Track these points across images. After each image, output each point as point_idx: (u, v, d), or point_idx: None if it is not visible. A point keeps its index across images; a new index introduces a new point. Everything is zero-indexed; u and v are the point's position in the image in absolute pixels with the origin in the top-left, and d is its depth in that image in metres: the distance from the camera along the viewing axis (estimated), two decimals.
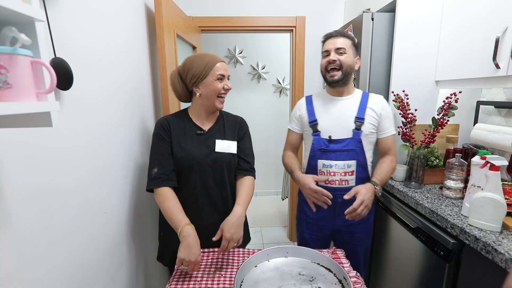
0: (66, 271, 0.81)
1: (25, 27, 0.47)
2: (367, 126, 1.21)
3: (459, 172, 1.22)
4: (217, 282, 0.94)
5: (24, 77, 0.45)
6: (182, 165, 1.10)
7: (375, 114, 1.22)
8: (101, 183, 1.00)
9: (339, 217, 1.26)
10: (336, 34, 1.20)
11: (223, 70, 1.08)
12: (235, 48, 3.40)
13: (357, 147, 1.20)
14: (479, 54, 1.17)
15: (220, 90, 1.09)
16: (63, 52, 0.79)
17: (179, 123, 1.14)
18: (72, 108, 0.84)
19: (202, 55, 1.10)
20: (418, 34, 1.44)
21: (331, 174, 1.21)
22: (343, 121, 1.21)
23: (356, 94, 1.26)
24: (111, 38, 1.09)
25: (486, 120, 1.44)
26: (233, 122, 1.21)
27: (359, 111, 1.21)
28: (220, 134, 1.16)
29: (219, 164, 1.12)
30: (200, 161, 1.10)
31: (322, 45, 1.24)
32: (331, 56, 1.17)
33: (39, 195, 0.72)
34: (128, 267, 1.20)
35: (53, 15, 0.75)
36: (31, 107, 0.47)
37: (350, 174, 1.21)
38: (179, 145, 1.10)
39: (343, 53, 1.17)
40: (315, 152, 1.22)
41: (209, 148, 1.12)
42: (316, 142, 1.22)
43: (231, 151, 1.14)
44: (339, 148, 1.20)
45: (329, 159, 1.20)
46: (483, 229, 0.96)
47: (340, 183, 1.21)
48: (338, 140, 1.20)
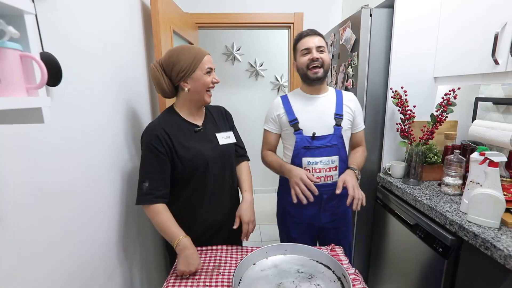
0: (64, 271, 0.80)
1: (14, 20, 0.45)
2: (345, 122, 1.25)
3: (457, 168, 1.21)
4: (215, 280, 0.93)
5: (13, 71, 0.44)
6: (193, 165, 1.06)
7: (351, 110, 1.27)
8: (97, 182, 0.99)
9: (324, 214, 1.28)
10: (313, 33, 1.21)
11: (210, 63, 1.07)
12: (233, 45, 3.38)
13: (338, 143, 1.23)
14: (477, 50, 1.16)
15: (209, 84, 1.07)
16: (56, 47, 0.77)
17: (174, 125, 1.06)
18: (65, 105, 0.82)
19: (188, 47, 1.05)
20: (417, 30, 1.43)
21: (316, 171, 1.21)
22: (324, 118, 1.23)
23: (330, 92, 1.29)
24: (105, 33, 1.07)
25: (485, 117, 1.44)
26: (219, 112, 1.22)
27: (337, 108, 1.24)
28: (215, 127, 1.16)
29: (227, 156, 1.14)
30: (210, 157, 1.09)
31: (297, 43, 1.24)
32: (314, 54, 1.18)
33: (35, 195, 0.70)
34: (126, 266, 1.19)
35: (46, 9, 0.74)
36: (21, 102, 0.45)
37: (334, 170, 1.23)
38: (184, 147, 1.04)
39: (323, 51, 1.20)
40: (298, 150, 1.22)
41: (213, 143, 1.12)
42: (299, 140, 1.22)
43: (232, 141, 1.18)
44: (322, 145, 1.21)
45: (314, 156, 1.21)
46: (482, 225, 0.96)
47: (325, 179, 1.23)
48: (321, 136, 1.22)
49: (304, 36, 1.21)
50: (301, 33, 1.24)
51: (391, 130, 1.52)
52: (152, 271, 1.49)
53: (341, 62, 1.77)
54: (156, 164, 1.01)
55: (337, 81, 1.85)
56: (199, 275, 0.95)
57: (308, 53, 1.19)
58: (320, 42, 1.20)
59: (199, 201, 1.11)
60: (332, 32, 1.95)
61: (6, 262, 0.62)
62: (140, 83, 1.40)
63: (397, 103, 1.40)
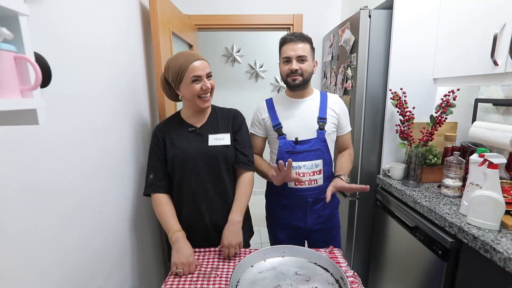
0: (61, 271, 0.80)
1: (8, 22, 0.45)
2: (329, 125, 1.24)
3: (457, 170, 1.21)
4: (213, 282, 0.93)
5: (7, 73, 0.43)
6: (175, 162, 1.10)
7: (335, 113, 1.25)
8: (95, 182, 0.99)
9: (310, 217, 1.27)
10: (295, 38, 1.17)
11: (198, 70, 1.04)
12: (233, 47, 3.38)
13: (322, 146, 1.22)
14: (477, 51, 1.16)
15: (197, 92, 1.06)
16: (55, 47, 0.77)
17: (172, 125, 1.16)
18: (62, 104, 0.82)
19: (177, 56, 1.07)
20: (416, 31, 1.43)
21: (300, 175, 1.20)
22: (307, 122, 1.22)
23: (315, 95, 1.27)
24: (104, 34, 1.07)
25: (484, 118, 1.43)
26: (227, 115, 1.20)
27: (321, 111, 1.23)
28: (213, 129, 1.15)
29: (214, 158, 1.11)
30: (193, 156, 1.09)
31: (280, 47, 1.22)
32: (293, 66, 1.16)
33: (31, 195, 0.70)
34: (124, 267, 1.19)
35: (45, 9, 0.74)
36: (15, 104, 0.45)
37: (318, 173, 1.23)
38: (171, 144, 1.12)
39: (304, 60, 1.16)
40: (282, 155, 1.22)
41: (202, 143, 1.12)
42: (282, 145, 1.22)
43: (225, 143, 1.13)
44: (305, 149, 1.21)
45: (297, 161, 1.20)
46: (482, 227, 0.95)
47: (309, 183, 1.22)
48: (304, 141, 1.21)
49: (287, 42, 1.18)
50: (284, 38, 1.20)
51: (391, 132, 1.51)
52: (150, 272, 1.49)
53: (340, 63, 1.77)
54: (156, 159, 1.12)
55: (336, 83, 1.85)
56: (197, 277, 0.95)
57: (289, 61, 1.17)
58: (302, 50, 1.16)
59: (180, 198, 1.13)
60: (331, 33, 1.95)
61: (6, 260, 0.62)
62: (139, 85, 1.40)
63: (397, 105, 1.40)
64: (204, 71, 1.06)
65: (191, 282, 0.92)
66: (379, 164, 1.59)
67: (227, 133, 1.16)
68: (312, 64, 1.20)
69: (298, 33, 1.19)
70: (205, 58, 1.10)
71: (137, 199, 1.32)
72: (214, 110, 1.20)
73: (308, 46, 1.18)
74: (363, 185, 1.06)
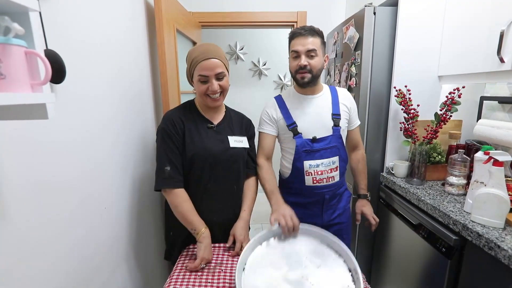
0: (65, 267, 0.81)
1: (19, 17, 0.46)
2: (343, 121, 1.22)
3: (461, 168, 1.20)
4: (218, 277, 0.94)
5: (18, 67, 0.44)
6: (197, 159, 1.05)
7: (347, 108, 1.24)
8: (100, 178, 1.00)
9: (326, 213, 1.28)
10: (305, 32, 1.11)
11: (205, 70, 1.00)
12: (236, 44, 3.38)
13: (338, 143, 1.21)
14: (483, 48, 1.15)
15: (204, 92, 1.03)
16: (61, 44, 0.78)
17: (190, 116, 1.09)
18: (69, 101, 0.83)
19: (197, 47, 1.04)
20: (421, 28, 1.42)
21: (318, 173, 1.20)
22: (322, 119, 1.19)
23: (325, 90, 1.25)
24: (109, 32, 1.07)
25: (490, 116, 1.42)
26: (239, 118, 1.21)
27: (334, 107, 1.21)
28: (229, 130, 1.15)
29: (235, 159, 1.12)
30: (217, 156, 1.07)
31: (289, 41, 1.17)
32: (302, 61, 1.11)
33: (38, 190, 0.71)
34: (128, 263, 1.20)
35: (50, 7, 0.74)
36: (26, 98, 0.46)
37: (335, 170, 1.22)
38: (192, 140, 1.06)
39: (313, 55, 1.12)
40: (299, 154, 1.19)
41: (224, 144, 1.10)
42: (299, 144, 1.18)
43: (244, 145, 1.15)
44: (322, 147, 1.19)
45: (315, 159, 1.19)
46: (486, 225, 0.95)
47: (327, 180, 1.22)
48: (320, 138, 1.19)
49: (297, 36, 1.13)
50: (294, 31, 1.15)
51: (395, 129, 1.51)
52: (154, 267, 1.50)
53: (344, 60, 1.77)
54: (175, 149, 1.04)
55: (340, 80, 1.85)
56: (202, 272, 0.96)
57: (298, 56, 1.13)
58: (312, 44, 1.10)
59: (194, 194, 1.08)
60: (336, 30, 1.94)
61: (8, 256, 0.63)
62: (144, 82, 1.41)
63: (401, 102, 1.39)
64: (213, 71, 1.00)
65: (196, 277, 0.93)
66: (383, 161, 1.59)
67: (244, 136, 1.17)
68: (323, 59, 1.16)
69: (308, 27, 1.13)
70: (223, 55, 1.05)
71: (141, 195, 1.33)
72: (228, 111, 1.20)
73: (318, 40, 1.13)
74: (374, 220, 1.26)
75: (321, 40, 1.14)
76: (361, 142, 1.35)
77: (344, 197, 1.30)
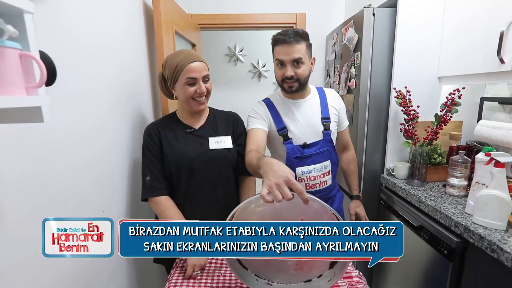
0: (63, 270, 0.80)
1: (13, 19, 0.45)
2: (333, 124, 1.19)
3: (462, 169, 1.19)
4: (217, 280, 0.93)
5: (12, 70, 0.44)
6: (174, 166, 1.05)
7: (336, 111, 1.21)
8: (97, 179, 0.99)
9: None
10: (289, 39, 1.02)
11: (194, 72, 0.99)
12: (235, 46, 3.38)
13: (329, 147, 1.18)
14: (482, 49, 1.14)
15: (191, 95, 1.01)
16: (59, 45, 0.78)
17: (167, 125, 1.10)
18: (67, 102, 0.82)
19: (176, 54, 1.03)
20: (420, 29, 1.42)
21: (310, 179, 1.16)
22: (311, 124, 1.15)
23: (313, 93, 1.20)
24: (107, 33, 1.07)
25: (490, 117, 1.42)
26: (225, 117, 1.16)
27: (323, 111, 1.17)
28: (212, 131, 1.11)
29: (215, 162, 1.07)
30: (193, 160, 1.05)
31: (273, 47, 1.09)
32: (288, 72, 1.05)
33: (35, 192, 0.71)
34: (128, 264, 1.19)
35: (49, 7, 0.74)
36: (21, 101, 0.45)
37: (327, 174, 1.19)
38: (169, 146, 1.06)
39: (300, 63, 1.05)
40: (291, 161, 1.14)
41: (203, 147, 1.07)
42: (290, 151, 1.14)
43: (226, 146, 1.09)
44: (314, 152, 1.15)
45: (307, 165, 1.15)
46: (488, 227, 0.94)
47: (320, 185, 1.18)
48: (311, 144, 1.15)
49: (280, 43, 1.04)
50: (277, 38, 1.05)
51: (395, 131, 1.50)
52: (153, 271, 1.49)
53: (343, 62, 1.76)
54: (154, 158, 1.06)
55: (339, 81, 1.84)
56: (200, 276, 0.95)
57: (283, 65, 1.06)
58: (298, 51, 1.03)
59: (176, 202, 1.07)
60: (335, 32, 1.94)
61: (5, 258, 0.62)
62: (142, 83, 1.40)
63: (401, 103, 1.39)
64: (201, 74, 1.01)
65: (195, 281, 0.92)
66: (383, 163, 1.58)
67: (228, 136, 1.11)
68: (309, 64, 1.10)
69: (292, 31, 1.04)
70: (204, 59, 1.05)
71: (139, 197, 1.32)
72: (212, 112, 1.16)
73: (303, 45, 1.05)
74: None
75: (306, 44, 1.07)
76: (350, 143, 1.34)
77: (336, 198, 1.27)
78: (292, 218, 0.76)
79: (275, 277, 0.84)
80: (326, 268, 0.82)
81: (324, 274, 0.82)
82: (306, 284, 0.83)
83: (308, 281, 0.83)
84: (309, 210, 0.75)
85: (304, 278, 0.83)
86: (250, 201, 0.74)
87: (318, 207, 0.74)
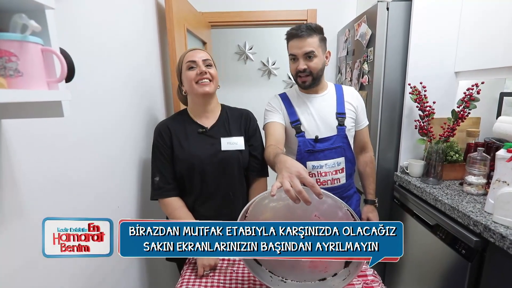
0: (78, 265, 0.82)
1: (35, 15, 0.46)
2: (349, 120, 1.17)
3: (481, 167, 1.16)
4: (230, 277, 0.93)
5: (34, 65, 0.45)
6: (185, 167, 1.04)
7: (353, 107, 1.18)
8: (114, 177, 1.01)
9: None
10: (301, 33, 1.04)
11: (191, 57, 1.03)
12: (245, 44, 3.38)
13: (343, 143, 1.15)
14: (503, 41, 1.10)
15: (193, 78, 1.03)
16: (74, 43, 0.79)
17: (179, 124, 1.09)
18: (84, 99, 0.84)
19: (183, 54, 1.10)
20: (436, 22, 1.38)
21: (322, 174, 1.14)
22: (325, 118, 1.14)
23: (330, 89, 1.20)
24: (121, 31, 1.09)
25: (510, 113, 1.37)
26: (238, 115, 1.14)
27: (339, 106, 1.16)
28: (224, 131, 1.09)
29: (227, 164, 1.05)
30: (204, 161, 1.04)
31: (287, 43, 1.11)
32: (300, 65, 1.07)
33: (53, 187, 0.72)
34: (141, 262, 1.21)
35: (65, 6, 0.75)
36: (42, 95, 0.46)
37: (341, 172, 1.16)
38: (180, 147, 1.05)
39: (312, 57, 1.06)
40: (302, 155, 1.13)
41: (215, 147, 1.05)
42: (302, 144, 1.13)
43: (239, 147, 1.07)
44: (326, 147, 1.14)
45: (318, 160, 1.13)
46: (510, 226, 0.90)
47: (332, 182, 1.15)
48: (324, 138, 1.13)
49: (293, 38, 1.07)
50: (290, 33, 1.08)
51: (409, 127, 1.47)
52: (165, 268, 1.51)
53: (356, 58, 1.73)
54: (164, 159, 1.06)
55: (352, 78, 1.81)
56: (213, 273, 0.95)
57: (296, 59, 1.09)
58: (310, 45, 1.04)
59: (189, 203, 1.07)
60: (347, 28, 1.91)
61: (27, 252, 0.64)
62: (155, 81, 1.42)
63: (416, 99, 1.35)
64: (200, 58, 1.03)
65: (208, 277, 0.93)
66: (397, 161, 1.55)
67: (240, 136, 1.10)
68: (323, 57, 1.10)
69: (305, 26, 1.06)
70: (208, 52, 1.09)
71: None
72: (224, 110, 1.14)
73: (315, 39, 1.06)
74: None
75: (319, 38, 1.07)
76: (369, 144, 1.30)
77: (353, 200, 1.23)
78: (306, 214, 0.75)
79: (289, 274, 0.83)
80: (341, 267, 0.81)
81: (339, 272, 0.81)
82: (320, 282, 0.82)
83: (323, 280, 0.82)
84: (323, 207, 0.74)
85: (319, 276, 0.82)
86: (264, 197, 0.74)
87: (332, 203, 0.73)
